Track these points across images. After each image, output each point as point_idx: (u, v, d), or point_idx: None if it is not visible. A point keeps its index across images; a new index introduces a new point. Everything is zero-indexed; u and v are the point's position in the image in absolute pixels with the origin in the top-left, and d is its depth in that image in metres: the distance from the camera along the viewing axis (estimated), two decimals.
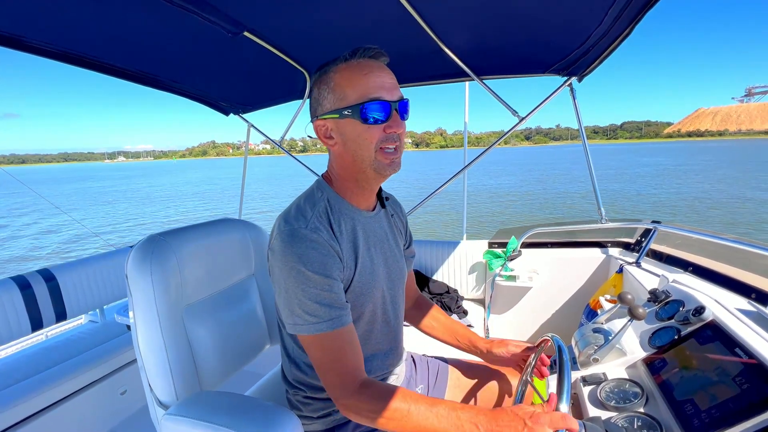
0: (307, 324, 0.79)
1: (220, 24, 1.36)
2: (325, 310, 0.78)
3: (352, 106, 0.80)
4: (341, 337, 0.80)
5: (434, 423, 0.72)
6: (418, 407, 0.74)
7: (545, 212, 15.13)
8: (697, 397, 0.80)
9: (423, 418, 0.73)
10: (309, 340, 0.81)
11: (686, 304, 1.11)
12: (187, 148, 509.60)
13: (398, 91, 0.84)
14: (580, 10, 1.34)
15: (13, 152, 57.65)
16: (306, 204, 0.86)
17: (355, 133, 0.82)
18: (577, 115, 2.10)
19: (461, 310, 2.37)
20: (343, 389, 0.79)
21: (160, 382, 0.98)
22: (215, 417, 0.85)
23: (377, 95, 0.80)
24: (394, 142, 0.84)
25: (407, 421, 0.73)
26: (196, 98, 2.28)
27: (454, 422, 0.71)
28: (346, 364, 0.80)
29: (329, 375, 0.81)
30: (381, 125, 0.82)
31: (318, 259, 0.79)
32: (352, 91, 0.81)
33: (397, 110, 0.82)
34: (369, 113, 0.80)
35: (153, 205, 23.27)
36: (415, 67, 2.02)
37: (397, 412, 0.74)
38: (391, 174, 0.87)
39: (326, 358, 0.80)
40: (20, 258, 11.48)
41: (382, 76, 0.82)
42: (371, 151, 0.83)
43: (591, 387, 1.00)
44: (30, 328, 1.87)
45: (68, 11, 1.25)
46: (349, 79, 0.81)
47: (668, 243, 2.00)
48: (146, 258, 0.97)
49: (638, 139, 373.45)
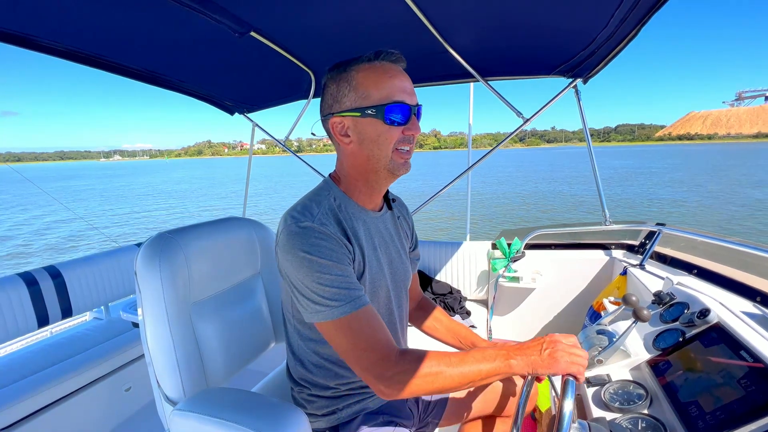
0: (329, 308, 0.78)
1: (227, 24, 1.37)
2: (344, 293, 0.78)
3: (376, 106, 0.82)
4: (367, 316, 0.80)
5: (475, 367, 0.77)
6: (457, 358, 0.78)
7: (538, 215, 15.23)
8: (702, 399, 0.80)
9: (464, 365, 0.77)
10: (335, 326, 0.78)
11: (691, 307, 1.11)
12: (183, 147, 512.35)
13: (416, 96, 0.88)
14: (587, 12, 1.34)
15: (9, 150, 57.48)
16: (312, 202, 0.87)
17: (376, 132, 0.84)
18: (582, 117, 2.10)
19: (464, 311, 2.37)
20: (385, 363, 0.77)
21: (168, 379, 0.99)
22: (224, 413, 0.86)
23: (400, 98, 0.83)
24: (409, 144, 0.87)
25: (451, 372, 0.76)
26: (201, 98, 2.29)
27: (490, 360, 0.77)
28: (380, 338, 0.79)
29: (366, 354, 0.77)
30: (400, 127, 0.84)
31: (328, 248, 0.79)
32: (376, 92, 0.82)
33: (416, 114, 0.86)
34: (392, 114, 0.82)
35: (112, 204, 24.04)
36: (421, 67, 2.03)
37: (441, 366, 0.76)
38: (403, 174, 0.89)
39: (357, 340, 0.78)
40: (23, 253, 11.65)
41: (405, 81, 0.85)
42: (388, 150, 0.85)
43: (595, 388, 1.00)
44: (36, 325, 1.89)
45: (77, 10, 1.26)
46: (373, 79, 0.83)
47: (672, 245, 2.00)
48: (155, 255, 0.98)
49: (630, 142, 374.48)
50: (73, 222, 15.70)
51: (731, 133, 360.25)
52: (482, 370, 0.76)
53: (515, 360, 0.76)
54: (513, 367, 0.76)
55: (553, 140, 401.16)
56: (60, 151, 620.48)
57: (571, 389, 0.72)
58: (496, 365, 0.76)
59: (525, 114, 2.07)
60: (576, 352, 0.76)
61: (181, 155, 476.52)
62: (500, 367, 0.76)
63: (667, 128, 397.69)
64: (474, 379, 0.77)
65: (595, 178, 2.09)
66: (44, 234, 14.25)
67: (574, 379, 0.74)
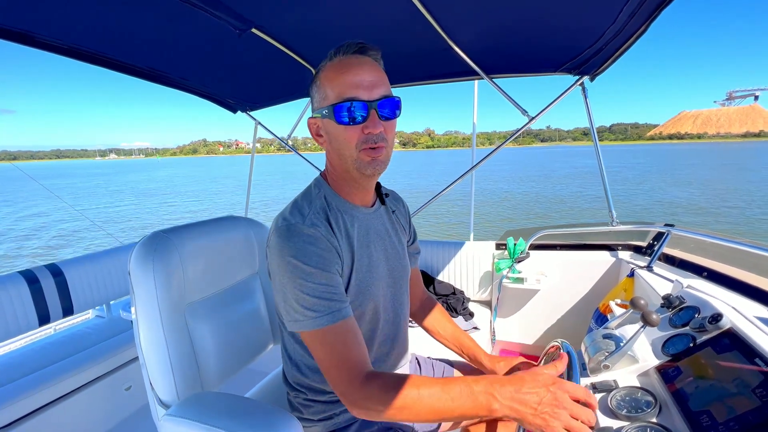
0: (306, 319, 0.76)
1: (228, 21, 1.35)
2: (324, 303, 0.76)
3: (329, 106, 0.79)
4: (343, 330, 0.77)
5: (448, 404, 0.68)
6: (430, 390, 0.69)
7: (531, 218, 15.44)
8: (714, 408, 0.77)
9: (436, 400, 0.68)
10: (310, 336, 0.78)
11: (702, 311, 1.07)
12: (178, 146, 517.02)
13: (381, 89, 0.79)
14: (594, 8, 1.30)
15: (5, 149, 57.50)
16: (303, 201, 0.85)
17: (336, 133, 0.81)
18: (589, 115, 2.06)
19: (467, 312, 2.34)
20: (350, 384, 0.74)
21: (161, 381, 0.97)
22: (215, 419, 0.84)
23: (352, 95, 0.77)
24: (374, 143, 0.80)
25: (420, 407, 0.69)
26: (204, 95, 2.28)
27: (469, 398, 0.67)
28: (349, 357, 0.76)
29: (333, 371, 0.76)
30: (359, 125, 0.78)
31: (316, 253, 0.77)
32: (331, 91, 0.79)
33: (376, 109, 0.78)
34: (342, 114, 0.77)
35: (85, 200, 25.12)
36: (425, 65, 2.00)
37: (408, 398, 0.69)
38: (373, 174, 0.83)
39: (329, 353, 0.76)
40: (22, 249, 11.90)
41: (360, 74, 0.78)
42: (352, 150, 0.80)
43: (601, 395, 0.97)
44: (37, 323, 1.88)
45: (79, 8, 1.25)
46: (329, 78, 0.80)
47: (681, 247, 1.95)
48: (149, 255, 0.97)
49: (622, 141, 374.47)
50: (73, 221, 16.12)
51: (720, 132, 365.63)
52: (457, 408, 0.67)
53: (499, 404, 0.65)
54: (495, 413, 0.66)
55: (547, 139, 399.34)
56: (56, 150, 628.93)
57: (574, 361, 0.65)
58: (475, 406, 0.67)
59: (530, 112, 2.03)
60: (581, 416, 0.64)
61: (176, 154, 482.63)
62: (480, 409, 0.67)
63: (658, 128, 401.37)
64: (446, 416, 0.69)
65: (602, 178, 2.05)
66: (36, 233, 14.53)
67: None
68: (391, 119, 0.82)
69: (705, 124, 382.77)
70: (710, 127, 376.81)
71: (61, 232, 14.20)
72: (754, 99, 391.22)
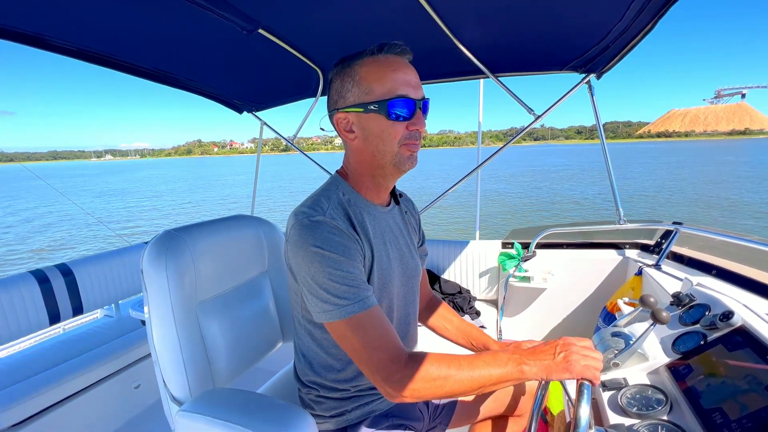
0: (337, 308, 0.76)
1: (235, 21, 1.36)
2: (354, 291, 0.76)
3: (379, 101, 0.80)
4: (377, 314, 0.78)
5: (485, 373, 0.74)
6: (468, 362, 0.75)
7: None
8: (726, 405, 0.77)
9: (474, 371, 0.75)
10: (344, 325, 0.77)
11: (712, 309, 1.07)
12: (173, 146, 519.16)
13: (422, 90, 0.84)
14: (601, 5, 1.30)
15: (1, 150, 58.11)
16: (322, 197, 0.86)
17: (380, 128, 0.82)
18: (596, 113, 2.05)
19: (473, 311, 2.34)
20: (394, 365, 0.75)
21: (174, 378, 0.98)
22: (229, 414, 0.85)
23: (404, 92, 0.80)
24: (415, 140, 0.84)
25: (462, 378, 0.74)
26: (211, 96, 2.29)
27: (501, 365, 0.74)
28: (389, 339, 0.77)
29: (376, 354, 0.75)
30: (404, 122, 0.82)
31: (341, 243, 0.78)
32: (378, 86, 0.80)
33: (421, 108, 0.83)
34: (395, 110, 0.80)
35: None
36: (430, 64, 2.00)
37: (450, 371, 0.74)
38: (410, 169, 0.87)
39: (368, 339, 0.76)
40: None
41: (409, 74, 0.82)
42: (393, 146, 0.83)
43: (611, 392, 0.97)
44: (47, 322, 1.91)
45: (87, 10, 1.27)
46: (376, 73, 0.81)
47: (689, 245, 1.94)
48: (161, 253, 0.98)
49: (612, 139, 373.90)
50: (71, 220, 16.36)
51: (707, 131, 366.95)
52: (493, 375, 0.74)
53: (528, 365, 0.73)
54: (525, 373, 0.73)
55: (540, 138, 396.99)
56: (53, 151, 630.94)
57: (587, 394, 0.69)
58: (508, 370, 0.74)
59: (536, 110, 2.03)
60: (591, 355, 0.73)
61: (171, 154, 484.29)
62: (512, 373, 0.74)
63: (647, 126, 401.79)
64: (485, 384, 0.74)
65: (609, 176, 2.04)
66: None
67: (589, 383, 0.71)
68: (425, 119, 0.86)
69: (693, 122, 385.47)
70: (698, 125, 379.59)
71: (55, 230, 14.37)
72: (741, 97, 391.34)
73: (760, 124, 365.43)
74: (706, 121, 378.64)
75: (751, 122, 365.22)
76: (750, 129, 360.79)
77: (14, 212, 20.32)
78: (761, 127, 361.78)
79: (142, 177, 54.26)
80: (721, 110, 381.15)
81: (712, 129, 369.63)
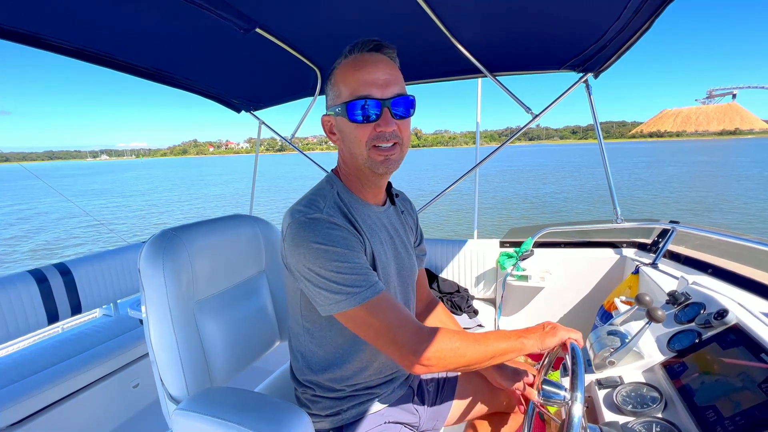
0: (349, 297, 0.75)
1: (232, 20, 1.36)
2: (363, 278, 0.77)
3: (342, 104, 0.79)
4: (390, 296, 0.80)
5: (495, 346, 0.81)
6: (477, 336, 0.82)
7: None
8: (720, 403, 0.77)
9: (484, 342, 0.81)
10: (359, 312, 0.76)
11: (707, 307, 1.07)
12: (169, 146, 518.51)
13: (395, 87, 0.79)
14: (598, 4, 1.30)
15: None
16: (317, 196, 0.85)
17: (348, 131, 0.81)
18: (593, 112, 2.05)
19: (471, 310, 2.34)
20: (418, 335, 0.77)
21: (172, 377, 0.99)
22: (226, 413, 0.85)
23: (365, 93, 0.77)
24: (387, 141, 0.80)
25: (478, 348, 0.79)
26: (209, 96, 2.29)
27: (507, 341, 0.82)
28: (407, 315, 0.80)
29: (400, 331, 0.76)
30: (371, 124, 0.79)
31: (342, 236, 0.78)
32: (344, 88, 0.79)
33: (390, 108, 0.78)
34: (355, 112, 0.78)
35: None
36: (428, 63, 2.00)
37: (467, 342, 0.79)
38: (385, 172, 0.84)
39: (388, 319, 0.76)
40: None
41: (374, 72, 0.78)
42: (362, 149, 0.81)
43: (606, 390, 0.97)
44: (46, 321, 1.91)
45: (85, 10, 1.27)
46: (343, 75, 0.80)
47: (686, 244, 1.95)
48: (159, 253, 0.98)
49: (605, 139, 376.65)
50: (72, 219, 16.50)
51: (699, 131, 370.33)
52: (500, 348, 0.80)
53: (526, 339, 0.82)
54: (525, 345, 0.82)
55: (535, 137, 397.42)
56: (49, 151, 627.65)
57: (577, 351, 0.77)
58: (511, 344, 0.81)
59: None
60: (572, 329, 0.85)
61: (166, 154, 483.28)
62: (515, 345, 0.81)
63: (640, 126, 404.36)
64: (495, 354, 0.80)
65: (607, 176, 2.04)
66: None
67: (575, 341, 0.81)
68: (405, 118, 0.82)
69: (685, 122, 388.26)
70: (690, 125, 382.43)
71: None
72: (732, 97, 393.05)
73: (750, 123, 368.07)
74: (697, 121, 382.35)
75: (741, 122, 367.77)
76: (740, 129, 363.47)
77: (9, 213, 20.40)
78: (751, 127, 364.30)
79: (125, 178, 54.25)
80: (712, 110, 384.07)
81: (703, 129, 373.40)
